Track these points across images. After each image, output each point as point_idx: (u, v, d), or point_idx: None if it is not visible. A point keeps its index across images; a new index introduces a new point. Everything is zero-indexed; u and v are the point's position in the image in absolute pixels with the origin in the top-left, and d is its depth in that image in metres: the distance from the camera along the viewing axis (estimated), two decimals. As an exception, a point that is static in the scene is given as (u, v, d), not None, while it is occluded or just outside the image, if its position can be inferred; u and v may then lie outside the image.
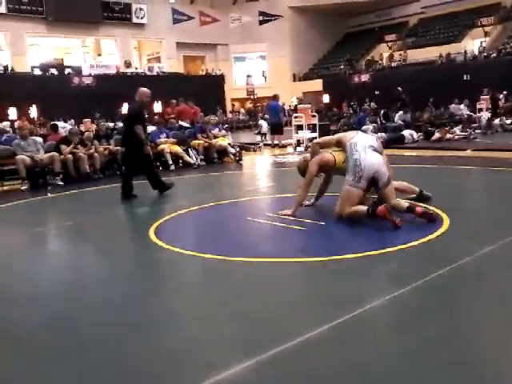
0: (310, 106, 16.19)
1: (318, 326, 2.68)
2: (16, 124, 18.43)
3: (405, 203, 4.80)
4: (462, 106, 18.08)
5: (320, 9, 32.19)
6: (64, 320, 3.09)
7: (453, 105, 18.33)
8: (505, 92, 19.02)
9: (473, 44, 27.32)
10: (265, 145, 15.13)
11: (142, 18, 30.31)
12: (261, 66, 34.51)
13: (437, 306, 2.94)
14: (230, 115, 29.62)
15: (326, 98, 27.55)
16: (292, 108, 25.34)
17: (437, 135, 13.20)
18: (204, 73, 32.22)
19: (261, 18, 33.42)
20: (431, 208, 5.14)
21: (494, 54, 24.35)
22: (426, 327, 2.67)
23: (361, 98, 24.34)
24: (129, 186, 7.24)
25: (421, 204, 5.02)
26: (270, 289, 3.42)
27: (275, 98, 14.91)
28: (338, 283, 3.47)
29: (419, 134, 13.63)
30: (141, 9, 30.13)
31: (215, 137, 11.68)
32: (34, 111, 22.72)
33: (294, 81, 33.06)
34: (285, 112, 16.04)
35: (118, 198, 7.11)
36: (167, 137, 11.02)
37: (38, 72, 25.75)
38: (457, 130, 14.77)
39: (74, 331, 2.92)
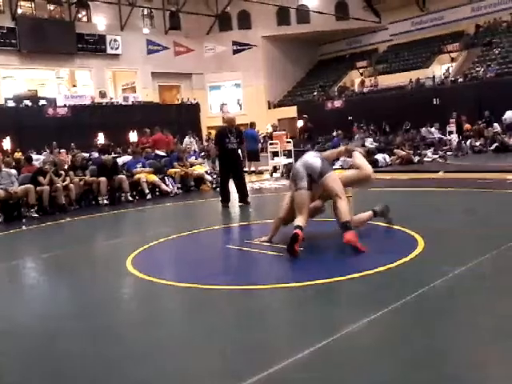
0: (284, 132, 16.43)
1: (298, 351, 2.68)
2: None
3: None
4: (432, 129, 18.55)
5: (292, 37, 32.97)
6: (40, 353, 3.04)
7: (424, 128, 18.79)
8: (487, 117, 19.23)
9: (440, 69, 28.15)
10: (241, 171, 15.16)
11: (116, 48, 30.52)
12: (236, 94, 34.93)
13: (412, 328, 2.99)
14: (205, 143, 29.75)
15: (300, 123, 27.95)
16: (267, 135, 25.60)
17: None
18: (179, 101, 32.44)
19: (234, 47, 34.00)
20: (407, 231, 5.23)
21: (461, 79, 25.16)
22: (403, 350, 2.70)
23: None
24: (243, 191, 8.81)
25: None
26: (249, 316, 3.41)
27: (252, 125, 15.17)
28: (317, 308, 3.48)
29: (391, 157, 13.96)
30: (115, 40, 30.35)
31: (192, 165, 11.74)
32: (7, 143, 22.48)
33: (269, 108, 33.51)
34: (259, 139, 16.30)
35: (94, 228, 7.03)
36: (143, 166, 11.02)
37: (11, 104, 25.58)
38: (429, 152, 15.21)
39: (51, 364, 2.86)
